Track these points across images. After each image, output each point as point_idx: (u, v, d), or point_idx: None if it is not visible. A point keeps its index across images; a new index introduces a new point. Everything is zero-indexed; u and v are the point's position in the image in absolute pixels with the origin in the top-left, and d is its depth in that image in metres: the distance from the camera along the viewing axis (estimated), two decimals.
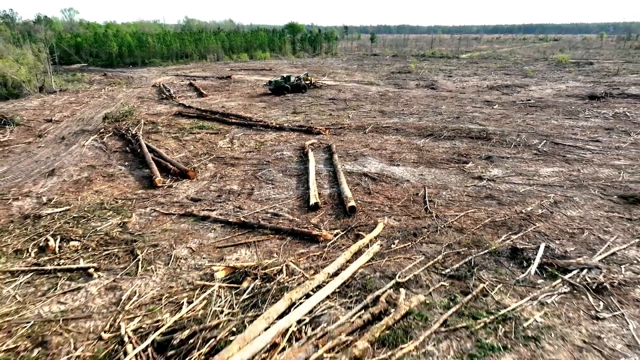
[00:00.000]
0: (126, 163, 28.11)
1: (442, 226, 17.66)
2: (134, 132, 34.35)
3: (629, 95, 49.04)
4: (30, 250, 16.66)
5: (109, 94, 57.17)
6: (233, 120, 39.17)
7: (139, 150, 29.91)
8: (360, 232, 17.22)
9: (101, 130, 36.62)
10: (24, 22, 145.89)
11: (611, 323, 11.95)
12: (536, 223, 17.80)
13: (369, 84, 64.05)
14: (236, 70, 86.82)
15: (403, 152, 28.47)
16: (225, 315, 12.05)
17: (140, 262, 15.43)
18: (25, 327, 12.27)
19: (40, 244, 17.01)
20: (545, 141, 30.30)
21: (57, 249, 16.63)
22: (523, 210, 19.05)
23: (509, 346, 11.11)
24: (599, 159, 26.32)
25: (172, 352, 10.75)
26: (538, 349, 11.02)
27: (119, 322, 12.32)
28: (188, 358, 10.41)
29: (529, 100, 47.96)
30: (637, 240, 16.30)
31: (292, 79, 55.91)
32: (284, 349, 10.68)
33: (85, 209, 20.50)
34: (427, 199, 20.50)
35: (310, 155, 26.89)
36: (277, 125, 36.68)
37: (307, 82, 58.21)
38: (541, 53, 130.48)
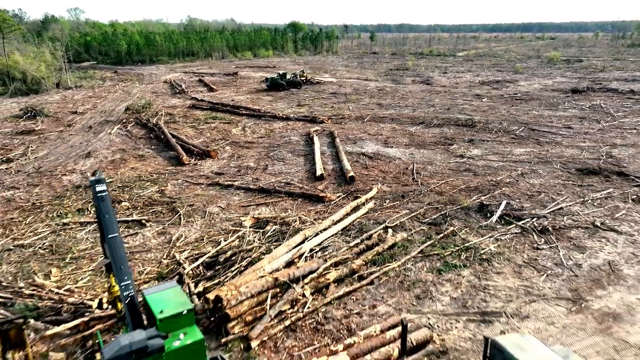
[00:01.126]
0: (152, 147, 31.90)
1: (426, 190, 21.50)
2: (154, 122, 38.13)
3: (608, 89, 52.81)
4: (89, 209, 20.49)
5: (124, 89, 60.96)
6: (243, 112, 42.96)
7: (162, 136, 33.70)
8: (359, 195, 21.04)
9: (124, 121, 40.39)
10: (32, 21, 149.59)
11: (547, 251, 15.80)
12: (503, 188, 21.65)
13: (368, 80, 67.79)
14: (241, 68, 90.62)
15: (397, 137, 32.29)
16: (256, 244, 15.91)
17: (181, 216, 19.27)
18: (102, 256, 16.10)
19: None
20: (523, 128, 34.13)
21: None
22: (494, 179, 22.89)
23: (468, 265, 14.96)
24: (567, 142, 30.14)
25: (218, 267, 14.60)
26: (489, 266, 14.87)
27: (173, 253, 16.17)
28: (231, 269, 14.25)
29: (516, 94, 51.72)
30: (581, 199, 20.15)
31: (288, 75, 59.56)
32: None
33: (127, 180, 24.33)
34: (414, 171, 24.35)
35: (315, 139, 30.72)
36: (284, 116, 40.48)
37: (303, 78, 61.91)
38: (535, 51, 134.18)
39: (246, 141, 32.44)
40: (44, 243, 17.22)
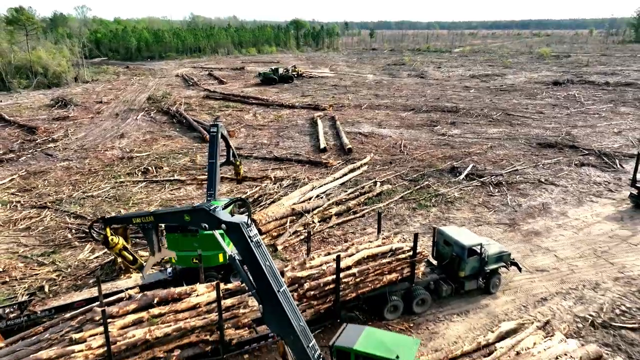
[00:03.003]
0: (177, 129, 36.71)
1: (410, 159, 26.36)
2: (175, 109, 42.93)
3: (587, 82, 57.50)
4: (137, 173, 25.35)
5: (140, 83, 65.73)
6: (253, 101, 47.74)
7: (184, 121, 38.51)
8: (355, 162, 25.87)
9: (146, 109, 45.18)
10: (42, 18, 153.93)
11: (498, 197, 20.65)
12: (473, 157, 26.49)
13: (367, 74, 72.54)
14: (247, 63, 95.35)
15: (389, 121, 37.12)
16: (275, 190, 20.79)
17: None
18: (157, 202, 20.98)
19: (142, 170, 25.70)
20: (500, 113, 38.92)
21: (155, 172, 25.34)
22: (467, 151, 27.74)
23: (436, 205, 19.83)
24: (536, 124, 34.94)
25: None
26: (452, 206, 19.72)
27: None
28: (258, 204, 19.12)
29: (502, 85, 56.44)
30: (534, 164, 24.99)
31: (280, 70, 64.23)
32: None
33: (162, 153, 29.17)
34: (402, 145, 29.19)
35: (319, 121, 35.55)
36: (290, 104, 45.30)
37: (294, 73, 66.64)
38: (528, 47, 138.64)
39: (258, 124, 37.27)
40: (109, 194, 22.09)
